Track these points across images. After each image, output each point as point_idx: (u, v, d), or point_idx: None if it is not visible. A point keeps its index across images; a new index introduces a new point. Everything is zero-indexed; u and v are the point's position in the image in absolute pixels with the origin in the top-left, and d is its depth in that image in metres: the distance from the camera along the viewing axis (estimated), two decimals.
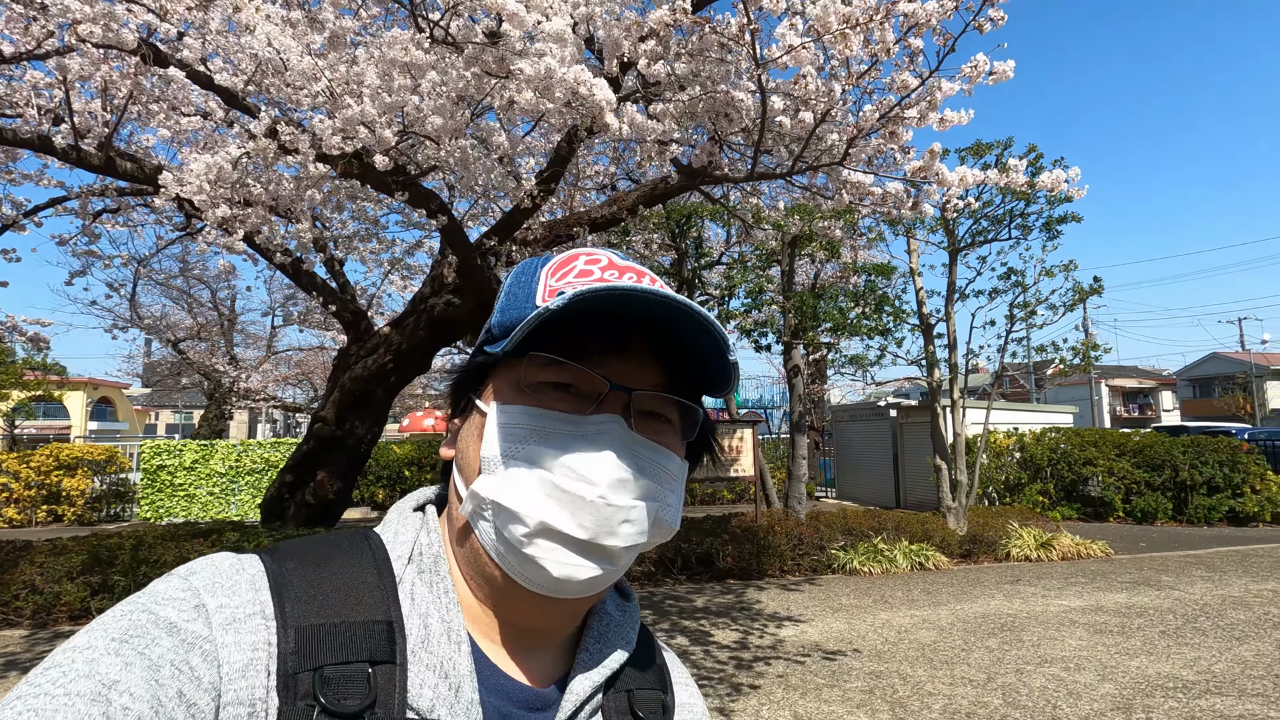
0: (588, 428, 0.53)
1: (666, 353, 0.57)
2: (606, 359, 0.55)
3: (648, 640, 0.66)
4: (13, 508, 12.51)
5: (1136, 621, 6.03)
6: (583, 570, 0.52)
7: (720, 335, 0.54)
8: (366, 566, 0.54)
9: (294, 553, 0.54)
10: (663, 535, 0.57)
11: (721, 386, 0.59)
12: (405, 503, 0.63)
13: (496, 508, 0.52)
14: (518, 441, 0.53)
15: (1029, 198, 9.40)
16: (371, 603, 0.51)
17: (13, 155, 5.89)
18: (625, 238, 10.93)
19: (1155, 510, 12.32)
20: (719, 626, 5.98)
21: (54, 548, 6.07)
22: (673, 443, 0.58)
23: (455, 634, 0.52)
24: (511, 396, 0.55)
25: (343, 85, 4.20)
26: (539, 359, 0.54)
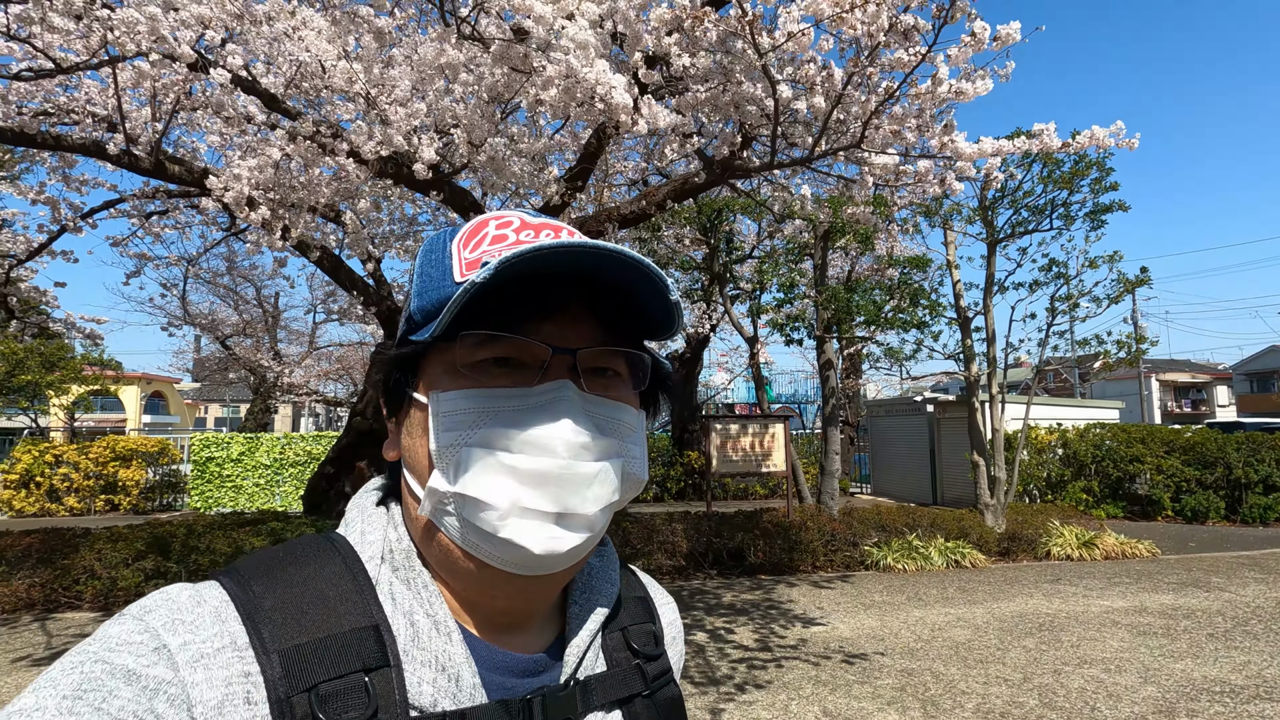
0: (538, 398, 0.51)
1: (602, 305, 0.55)
2: (542, 324, 0.53)
3: (628, 574, 0.69)
4: (73, 496, 13.14)
5: (1183, 623, 5.85)
6: (564, 541, 0.51)
7: (657, 276, 0.52)
8: (339, 573, 0.52)
9: (258, 572, 0.51)
10: (634, 488, 0.57)
11: (665, 329, 0.57)
12: (365, 498, 0.60)
13: (460, 500, 0.50)
14: (467, 428, 0.51)
15: (1071, 186, 9.13)
16: (353, 610, 0.50)
17: (70, 161, 6.17)
18: (656, 233, 10.95)
19: (1207, 509, 11.88)
20: (747, 622, 5.99)
21: (111, 535, 6.37)
22: (626, 394, 0.57)
23: (444, 626, 0.52)
24: (449, 382, 0.53)
25: (378, 88, 4.30)
26: (472, 337, 0.52)
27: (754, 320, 11.81)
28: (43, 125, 5.31)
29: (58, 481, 13.08)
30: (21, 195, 6.57)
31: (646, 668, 0.61)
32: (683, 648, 0.71)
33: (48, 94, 5.36)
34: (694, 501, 14.18)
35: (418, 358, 0.56)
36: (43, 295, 7.12)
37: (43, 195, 6.49)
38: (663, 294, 0.53)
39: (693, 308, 12.86)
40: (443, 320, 0.50)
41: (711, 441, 9.36)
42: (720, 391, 20.69)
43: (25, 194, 6.52)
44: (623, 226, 6.66)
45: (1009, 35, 3.35)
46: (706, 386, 19.56)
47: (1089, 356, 12.28)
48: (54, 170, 6.40)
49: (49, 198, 6.56)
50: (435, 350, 0.54)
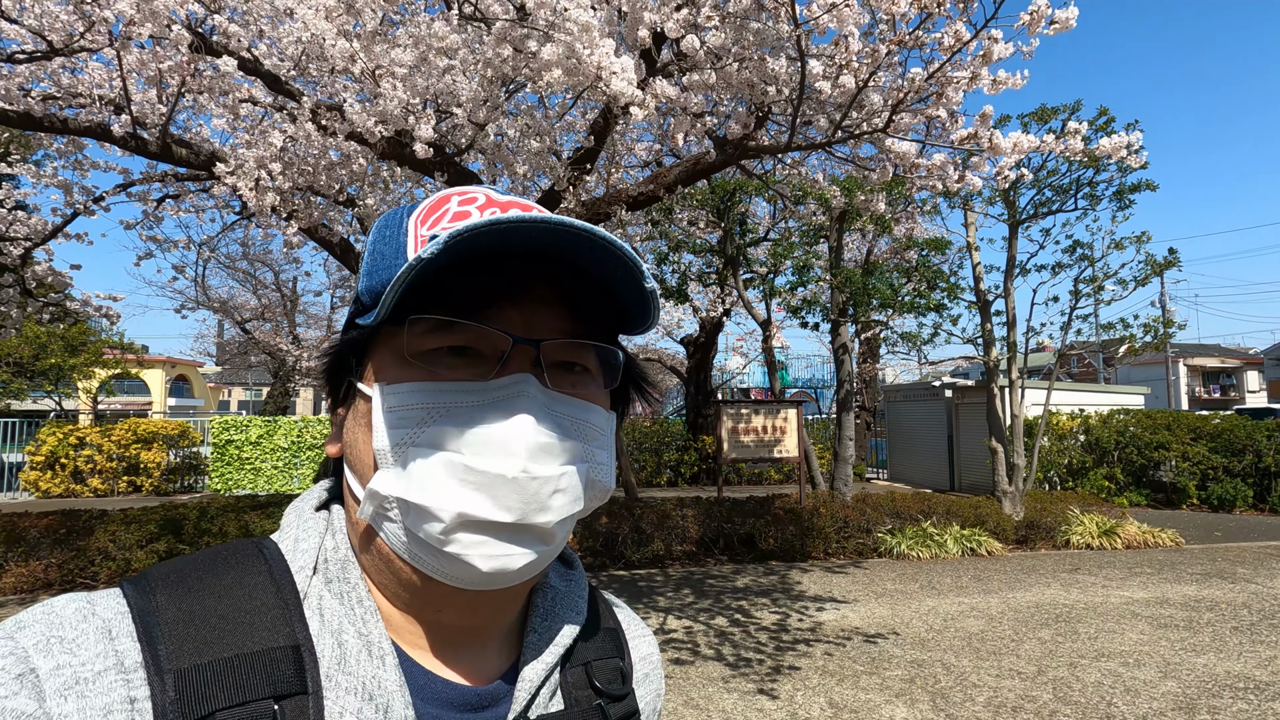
0: (495, 393, 0.46)
1: (572, 292, 0.50)
2: (503, 310, 0.48)
3: (598, 604, 0.62)
4: (97, 478, 13.41)
5: (1206, 616, 5.70)
6: (516, 558, 0.46)
7: (632, 260, 0.47)
8: (261, 584, 0.47)
9: (167, 579, 0.46)
10: (599, 498, 0.52)
11: (640, 320, 0.52)
12: (305, 501, 0.55)
13: (403, 506, 0.45)
14: (414, 425, 0.46)
15: (1098, 165, 8.83)
16: (271, 627, 0.45)
17: (78, 145, 6.18)
18: (669, 215, 10.81)
19: (1234, 497, 11.59)
20: (757, 608, 5.93)
21: (126, 517, 6.46)
22: (594, 393, 0.52)
23: (376, 648, 0.46)
24: (398, 373, 0.48)
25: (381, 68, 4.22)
26: (424, 323, 0.47)
27: (768, 304, 11.66)
28: (51, 109, 5.30)
29: (82, 463, 13.35)
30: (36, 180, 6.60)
31: (609, 709, 0.54)
32: (660, 686, 0.64)
33: (53, 76, 5.35)
34: (708, 487, 14.13)
35: (364, 344, 0.51)
36: (59, 275, 7.17)
37: (55, 178, 6.52)
38: (637, 280, 0.48)
39: (706, 291, 12.72)
40: (385, 301, 0.44)
41: (723, 426, 9.28)
42: (735, 376, 20.57)
43: (40, 179, 6.56)
44: (632, 209, 6.55)
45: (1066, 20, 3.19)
46: (721, 371, 19.45)
47: (1114, 341, 11.97)
48: (63, 154, 6.42)
49: (61, 180, 6.59)
50: (384, 336, 0.49)
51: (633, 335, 0.55)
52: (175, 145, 5.74)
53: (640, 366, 0.58)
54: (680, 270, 12.25)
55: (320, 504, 0.55)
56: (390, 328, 0.48)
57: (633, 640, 0.63)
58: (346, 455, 0.51)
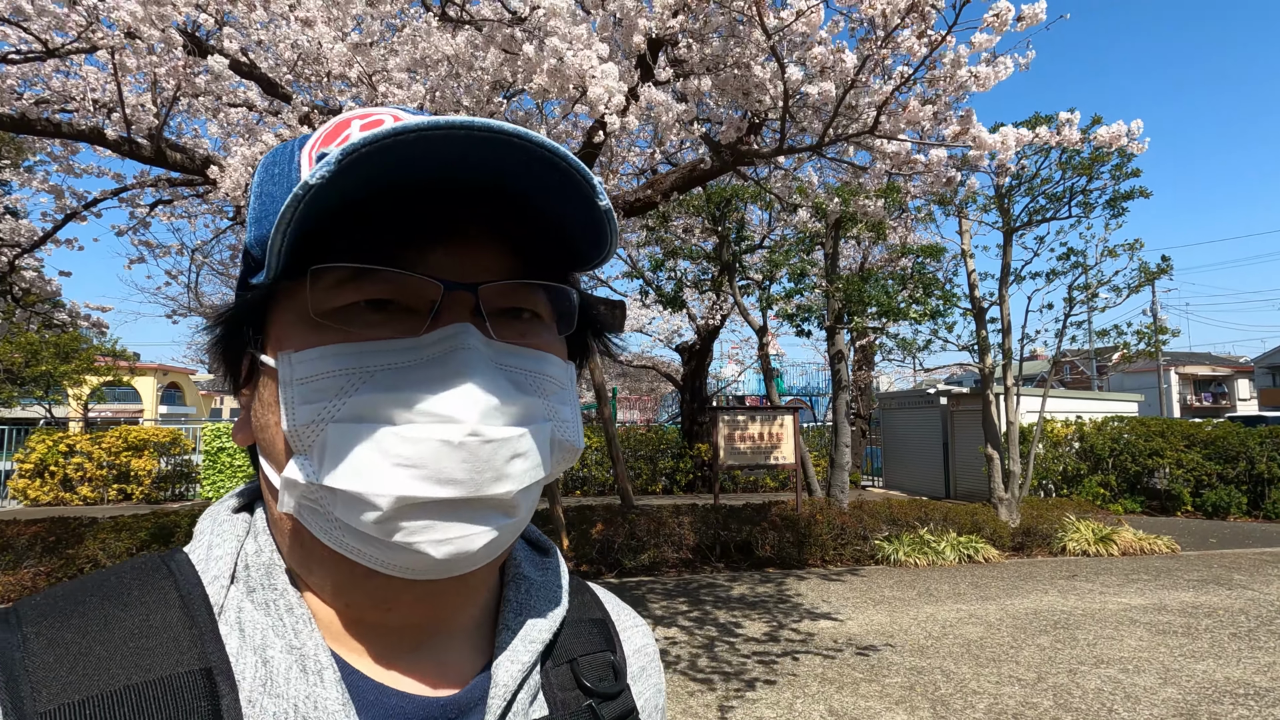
0: (429, 350, 0.39)
1: (511, 223, 0.42)
2: (429, 252, 0.40)
3: (583, 594, 0.56)
4: (86, 486, 13.27)
5: (1204, 622, 5.69)
6: (475, 538, 0.39)
7: (581, 173, 0.39)
8: (164, 602, 0.40)
9: (40, 610, 0.39)
10: (566, 459, 0.45)
11: (595, 248, 0.44)
12: (220, 505, 0.48)
13: (330, 495, 0.38)
14: (332, 397, 0.38)
15: (1091, 173, 8.89)
16: (175, 650, 0.38)
17: (72, 149, 6.14)
18: (665, 222, 10.82)
19: (1228, 504, 11.63)
20: (753, 616, 5.89)
21: (116, 524, 6.38)
22: (549, 341, 0.45)
23: (312, 661, 0.39)
24: (305, 337, 0.40)
25: (376, 72, 4.21)
26: (330, 273, 0.39)
27: (764, 311, 11.67)
28: (44, 112, 5.27)
29: (71, 471, 13.22)
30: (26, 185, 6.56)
31: (601, 709, 0.48)
32: (660, 681, 0.57)
33: (45, 80, 5.32)
34: (703, 494, 14.09)
35: (262, 307, 0.43)
36: (48, 283, 7.11)
37: (46, 184, 6.47)
38: (588, 197, 0.40)
39: (702, 298, 12.73)
40: (274, 248, 0.36)
41: (719, 433, 9.25)
42: (731, 383, 20.57)
43: (29, 183, 6.51)
44: (628, 215, 6.55)
45: (1034, 15, 3.19)
46: (717, 378, 19.44)
47: (1107, 349, 12.02)
48: (56, 159, 6.37)
49: (53, 186, 6.54)
50: (285, 295, 0.42)
51: (588, 269, 0.46)
52: (170, 149, 5.71)
53: (598, 307, 0.50)
54: (676, 277, 12.26)
55: (240, 505, 0.48)
56: (290, 283, 0.40)
57: (624, 632, 0.56)
58: (258, 442, 0.44)
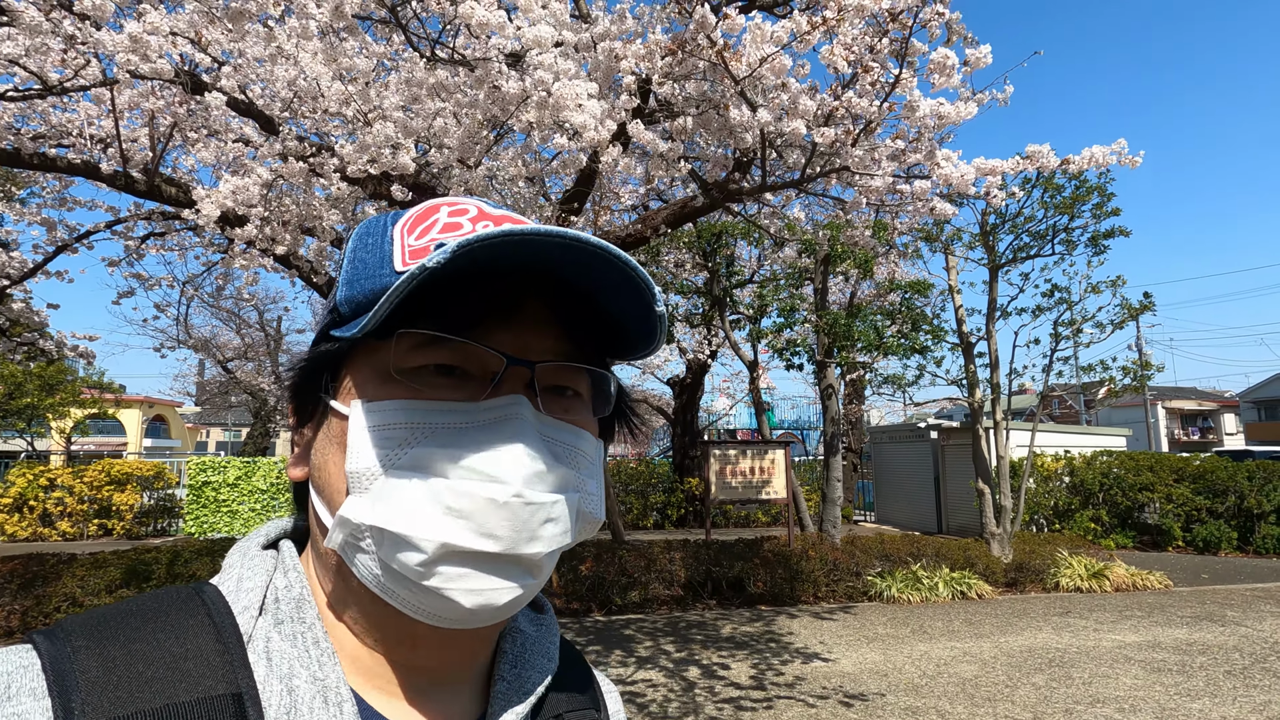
0: (486, 415, 0.43)
1: (567, 311, 0.47)
2: (494, 329, 0.45)
3: (570, 654, 0.58)
4: (66, 521, 12.99)
5: (1199, 660, 5.64)
6: (502, 593, 0.42)
7: (644, 282, 0.44)
8: (199, 629, 0.42)
9: (87, 628, 0.41)
10: (587, 530, 0.49)
11: (645, 345, 0.49)
12: (250, 540, 0.51)
13: (378, 535, 0.42)
14: (396, 446, 0.42)
15: (1072, 211, 9.09)
16: (208, 674, 0.40)
17: (66, 182, 6.17)
18: (656, 257, 10.93)
19: (1219, 540, 11.62)
20: (745, 656, 5.79)
21: (95, 561, 6.24)
22: (585, 419, 0.49)
23: (333, 693, 0.42)
24: (379, 390, 0.44)
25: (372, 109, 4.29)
26: (412, 337, 0.44)
27: (754, 345, 11.73)
28: (40, 147, 5.31)
29: (51, 506, 12.95)
30: (20, 218, 6.57)
31: None
32: None
33: (42, 115, 5.38)
34: (694, 529, 13.96)
35: (341, 358, 0.47)
36: (35, 314, 7.06)
37: (39, 216, 6.48)
38: (647, 303, 0.45)
39: (693, 332, 12.80)
40: (379, 311, 0.41)
41: (711, 467, 9.21)
42: (722, 417, 20.55)
43: (24, 216, 6.53)
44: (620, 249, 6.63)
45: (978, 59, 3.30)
46: (708, 412, 19.43)
47: (1094, 383, 12.13)
48: (52, 192, 6.40)
49: (45, 218, 6.56)
50: (363, 351, 0.46)
51: (636, 359, 0.52)
52: (164, 184, 5.75)
53: (629, 396, 0.55)
54: (667, 311, 12.32)
55: (269, 542, 0.51)
56: (372, 342, 0.45)
57: (606, 695, 0.60)
58: (314, 479, 0.48)
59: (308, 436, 0.50)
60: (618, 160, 3.73)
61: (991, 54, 3.38)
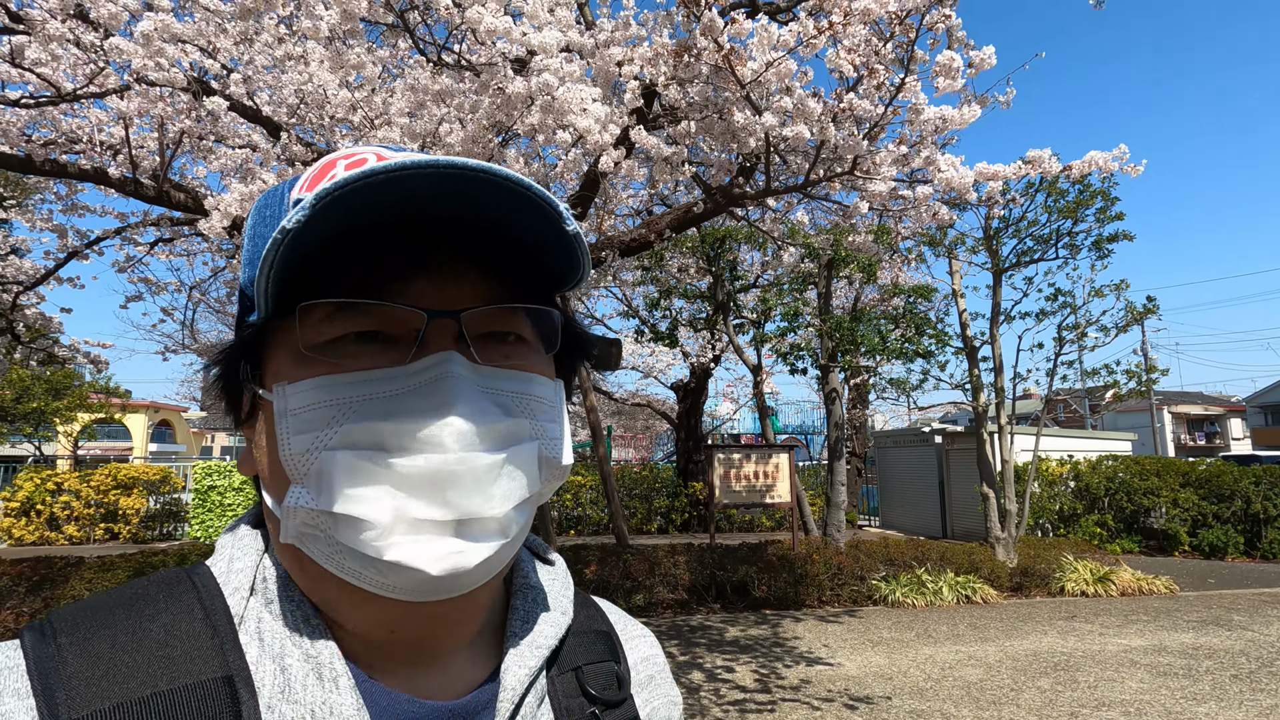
0: (415, 379, 0.40)
1: (488, 250, 0.44)
2: (411, 282, 0.42)
3: (588, 606, 0.57)
4: (73, 525, 13.06)
5: (1205, 664, 5.62)
6: (469, 554, 0.40)
7: (547, 201, 0.41)
8: (188, 612, 0.41)
9: (72, 621, 0.41)
10: (556, 477, 0.47)
11: (570, 271, 0.46)
12: (239, 522, 0.50)
13: (329, 519, 0.40)
14: (325, 426, 0.40)
15: (1076, 216, 9.09)
16: (198, 658, 0.39)
17: (76, 188, 6.24)
18: (660, 262, 10.97)
19: (1225, 544, 11.56)
20: (750, 660, 5.79)
21: (103, 564, 6.28)
22: (534, 361, 0.46)
23: (328, 669, 0.41)
24: (297, 370, 0.41)
25: (378, 115, 4.34)
26: (318, 309, 0.41)
27: (758, 349, 11.74)
28: (52, 154, 5.37)
29: (58, 510, 13.02)
30: (29, 224, 6.64)
31: (604, 717, 0.49)
32: (671, 691, 0.58)
33: (53, 121, 5.44)
34: (698, 533, 13.95)
35: (258, 344, 0.45)
36: (49, 321, 7.13)
37: (50, 222, 6.55)
38: (556, 224, 0.42)
39: (697, 337, 12.82)
40: (260, 289, 0.39)
41: (715, 471, 9.22)
42: (725, 422, 20.55)
43: (34, 223, 6.60)
44: (624, 254, 6.65)
45: (983, 61, 3.32)
46: (712, 417, 19.43)
47: (1099, 387, 12.10)
48: (61, 198, 6.47)
49: (56, 225, 6.63)
50: (279, 332, 0.43)
51: (566, 289, 0.49)
52: (173, 190, 5.81)
53: (582, 325, 0.51)
54: (671, 315, 12.36)
55: (259, 521, 0.50)
56: (283, 321, 0.42)
57: (629, 642, 0.57)
58: (260, 474, 0.46)
59: (249, 430, 0.47)
60: (620, 163, 3.77)
61: (995, 55, 3.41)
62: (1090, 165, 3.38)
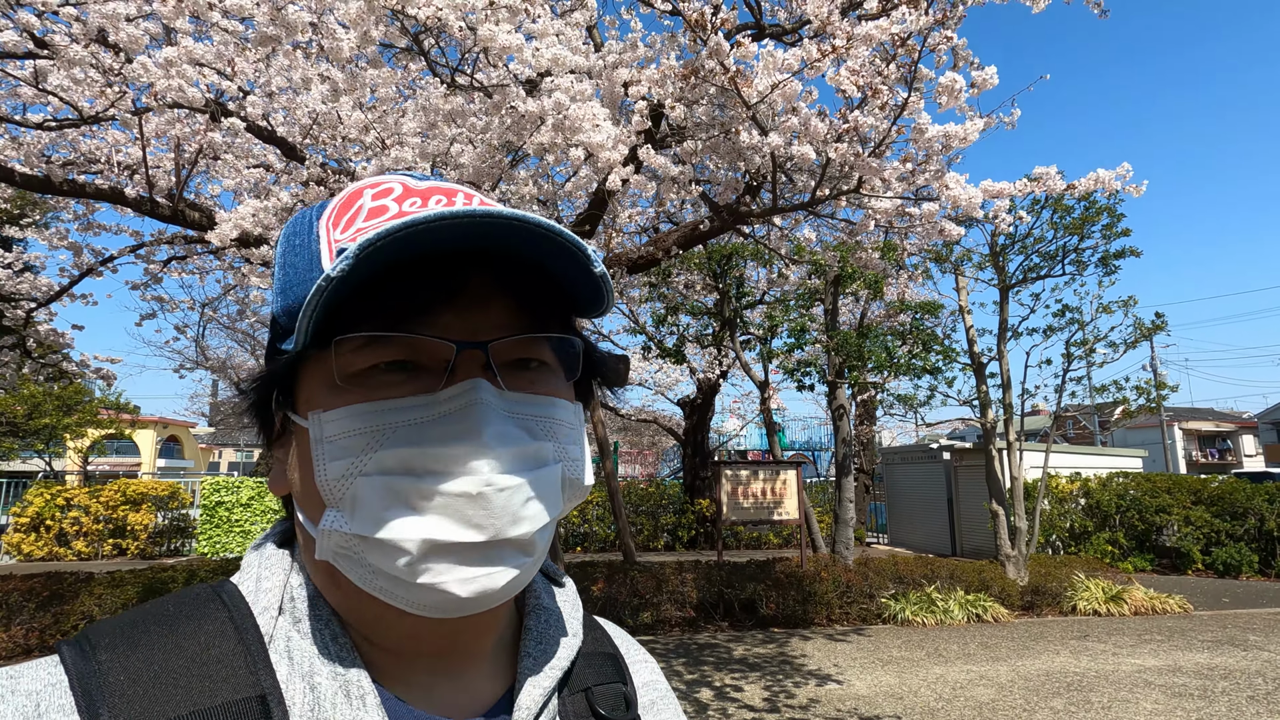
0: (445, 406, 0.42)
1: (514, 283, 0.46)
2: (440, 314, 0.44)
3: (593, 627, 0.59)
4: (81, 541, 13.09)
5: (1220, 684, 5.54)
6: (496, 577, 0.42)
7: (578, 246, 0.43)
8: (221, 631, 0.43)
9: (111, 637, 0.41)
10: (577, 496, 0.49)
11: (594, 305, 0.48)
12: (266, 539, 0.51)
13: (361, 543, 0.42)
14: (360, 453, 0.42)
15: (1082, 232, 9.11)
16: (233, 677, 0.41)
17: (92, 207, 6.34)
18: (666, 279, 11.02)
19: (1239, 563, 11.41)
20: (759, 678, 5.74)
21: (112, 580, 6.30)
22: (556, 386, 0.48)
23: (356, 688, 0.42)
24: (331, 398, 0.43)
25: (391, 135, 4.41)
26: (351, 341, 0.42)
27: (765, 366, 11.74)
28: (69, 174, 5.48)
29: (67, 525, 13.06)
30: (46, 243, 6.74)
31: None
32: (677, 715, 0.60)
33: (72, 143, 5.55)
34: (705, 550, 13.87)
35: (292, 371, 0.46)
36: (60, 336, 7.22)
37: (65, 240, 6.65)
38: (585, 266, 0.44)
39: (704, 353, 12.83)
40: (302, 327, 0.41)
41: (722, 488, 9.20)
42: (733, 438, 20.49)
43: (48, 240, 6.70)
44: (632, 271, 6.70)
45: (985, 81, 3.36)
46: (719, 433, 19.39)
47: (1108, 404, 12.03)
48: (78, 217, 6.58)
49: (72, 243, 6.72)
50: (312, 360, 0.45)
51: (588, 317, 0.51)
52: (188, 209, 5.90)
53: (600, 351, 0.53)
54: (678, 332, 12.39)
55: (284, 539, 0.51)
56: (317, 351, 0.43)
57: (633, 665, 0.59)
58: (295, 494, 0.47)
59: (281, 451, 0.49)
60: (629, 181, 3.82)
61: (998, 75, 3.46)
62: (1095, 183, 3.40)
